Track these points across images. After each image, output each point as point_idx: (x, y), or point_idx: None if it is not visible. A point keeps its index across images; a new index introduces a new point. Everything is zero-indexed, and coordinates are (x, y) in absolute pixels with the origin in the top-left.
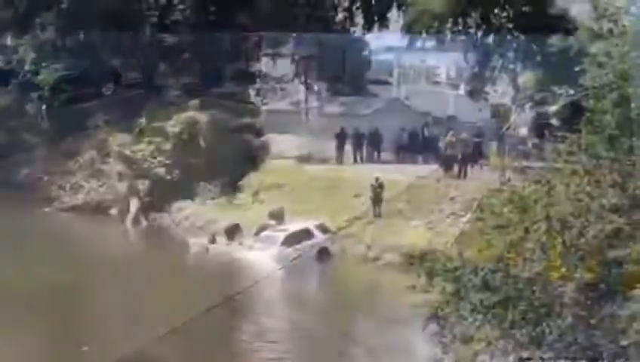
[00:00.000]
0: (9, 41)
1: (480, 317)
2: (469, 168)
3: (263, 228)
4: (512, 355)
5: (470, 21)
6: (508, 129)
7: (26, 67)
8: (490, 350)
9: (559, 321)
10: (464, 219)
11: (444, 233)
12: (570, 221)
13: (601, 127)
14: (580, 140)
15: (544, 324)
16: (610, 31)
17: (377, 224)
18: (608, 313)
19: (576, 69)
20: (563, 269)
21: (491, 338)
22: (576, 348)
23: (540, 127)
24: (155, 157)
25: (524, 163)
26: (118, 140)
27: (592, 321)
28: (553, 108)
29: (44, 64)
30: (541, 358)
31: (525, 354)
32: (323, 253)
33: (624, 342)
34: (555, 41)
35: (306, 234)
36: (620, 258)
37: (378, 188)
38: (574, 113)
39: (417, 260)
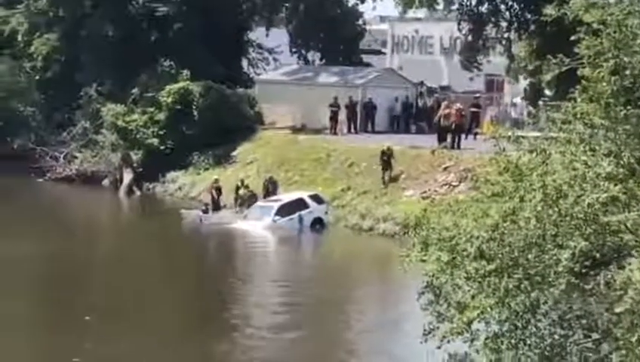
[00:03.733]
0: (1, 11)
1: (475, 285)
2: (463, 138)
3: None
4: (507, 323)
5: None
6: (502, 98)
7: (19, 37)
8: (485, 318)
9: (554, 290)
10: (458, 189)
11: (439, 203)
12: (565, 189)
13: (596, 95)
14: (575, 109)
15: (539, 292)
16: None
17: (372, 193)
18: (603, 281)
19: (572, 37)
20: (558, 237)
21: (486, 307)
22: (571, 316)
23: (535, 97)
24: (148, 128)
25: (519, 132)
26: (111, 111)
27: (587, 290)
28: (547, 77)
29: (36, 34)
30: (536, 326)
31: (520, 323)
32: (317, 223)
33: (619, 309)
34: (549, 10)
35: (300, 204)
36: (614, 226)
37: (390, 156)
38: (568, 82)
39: (412, 229)
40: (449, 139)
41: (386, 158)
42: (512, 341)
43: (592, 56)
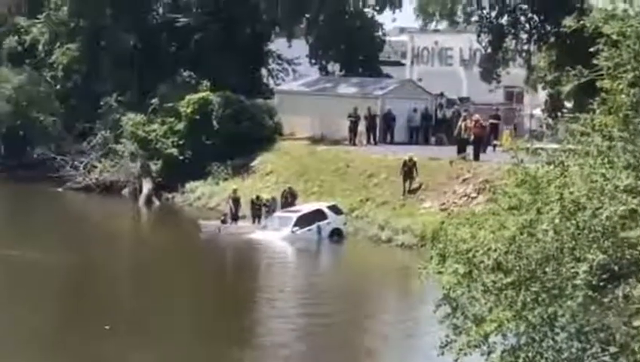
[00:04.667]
0: (22, 21)
1: (492, 298)
2: (481, 150)
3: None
4: (524, 336)
5: (484, 1)
6: (521, 110)
7: (40, 47)
8: (502, 331)
9: (571, 303)
10: (476, 201)
11: (456, 215)
12: (583, 202)
13: (615, 107)
14: (593, 121)
15: (556, 306)
16: (626, 11)
17: (391, 205)
18: (621, 294)
19: (591, 49)
20: (576, 250)
21: (503, 320)
22: (588, 329)
23: (554, 109)
24: (167, 138)
25: (538, 144)
26: (131, 120)
27: (605, 303)
28: (566, 88)
29: (57, 44)
30: (553, 340)
31: (537, 336)
32: (335, 234)
33: (637, 323)
34: (569, 21)
35: (318, 215)
36: (633, 239)
37: (412, 167)
38: (587, 94)
39: (430, 241)
40: (468, 150)
41: (408, 169)
42: (530, 354)
43: (611, 67)
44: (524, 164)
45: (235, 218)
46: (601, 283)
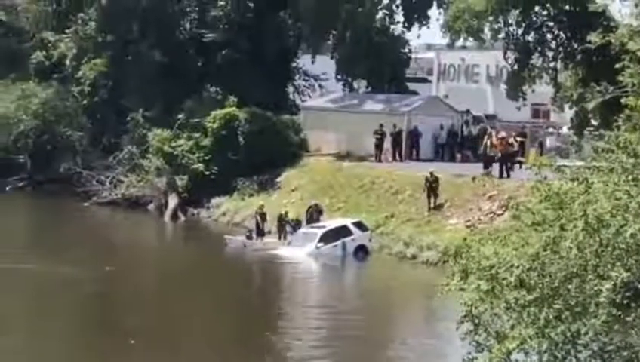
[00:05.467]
0: (50, 36)
1: (515, 315)
2: (511, 168)
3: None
4: (547, 354)
5: (510, 19)
6: (548, 128)
7: (67, 62)
8: (524, 348)
9: (595, 321)
10: (502, 218)
11: (479, 232)
12: (607, 219)
13: None
14: (618, 138)
15: (579, 323)
16: None
17: (416, 221)
18: None
19: (617, 65)
20: (599, 268)
21: (525, 337)
22: (611, 348)
23: (580, 126)
24: (193, 153)
25: (564, 161)
26: (157, 136)
27: (628, 322)
28: (591, 105)
29: (84, 59)
30: (576, 358)
31: (560, 354)
32: (360, 250)
33: None
34: (594, 37)
35: (343, 231)
36: None
37: (434, 182)
38: (613, 110)
39: (452, 258)
40: (494, 167)
41: (430, 185)
42: None
43: (635, 84)
44: (549, 180)
45: (261, 233)
46: (625, 302)
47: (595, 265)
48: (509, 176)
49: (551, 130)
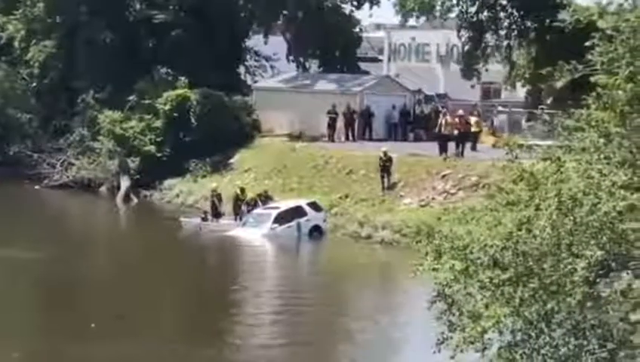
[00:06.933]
0: None
1: (488, 294)
2: (471, 148)
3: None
4: (520, 333)
5: None
6: (506, 106)
7: (16, 44)
8: (499, 328)
9: (570, 299)
10: (455, 197)
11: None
12: (580, 198)
13: (610, 103)
14: (589, 117)
15: (554, 302)
16: (620, 5)
17: (371, 201)
18: (619, 290)
19: (587, 43)
20: (573, 246)
21: (500, 316)
22: (585, 325)
23: (534, 105)
24: (145, 135)
25: (535, 141)
26: (108, 118)
27: (602, 299)
28: (560, 84)
29: (33, 41)
30: (550, 336)
31: (533, 332)
32: (315, 231)
33: (634, 318)
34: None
35: (298, 211)
36: (631, 235)
37: (387, 162)
38: (581, 89)
39: (424, 238)
40: (449, 147)
41: (384, 164)
42: (526, 351)
43: (605, 62)
44: (517, 160)
45: (217, 215)
46: (597, 279)
47: (568, 243)
48: (462, 155)
49: (500, 108)
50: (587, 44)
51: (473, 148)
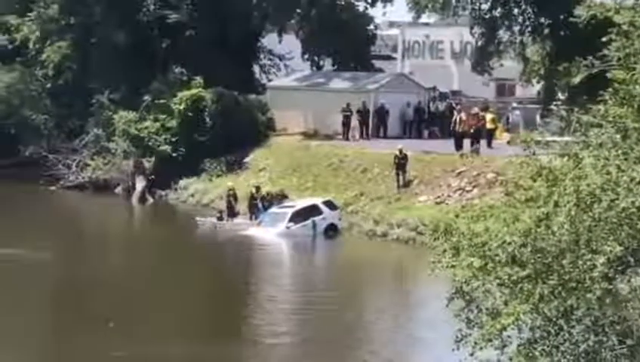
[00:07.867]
0: (13, 19)
1: (507, 291)
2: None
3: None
4: (539, 330)
5: None
6: (520, 103)
7: (30, 45)
8: (518, 325)
9: (590, 296)
10: (470, 194)
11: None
12: (599, 194)
13: (628, 98)
14: (607, 112)
15: (573, 298)
16: (637, 1)
17: (386, 199)
18: (637, 286)
19: (604, 39)
20: (592, 243)
21: (520, 313)
22: (604, 322)
23: (549, 100)
24: (160, 135)
25: (553, 137)
26: (123, 118)
27: (622, 295)
28: (577, 79)
29: (48, 42)
30: (569, 333)
31: (553, 329)
32: (331, 229)
33: None
34: (579, 11)
35: (313, 210)
36: None
37: (402, 159)
38: (595, 85)
39: (442, 235)
40: (465, 144)
41: (398, 162)
42: (546, 347)
43: (622, 58)
44: (535, 156)
45: (233, 214)
46: (617, 276)
47: (587, 239)
48: (478, 152)
49: (514, 104)
50: (603, 39)
51: (489, 145)
